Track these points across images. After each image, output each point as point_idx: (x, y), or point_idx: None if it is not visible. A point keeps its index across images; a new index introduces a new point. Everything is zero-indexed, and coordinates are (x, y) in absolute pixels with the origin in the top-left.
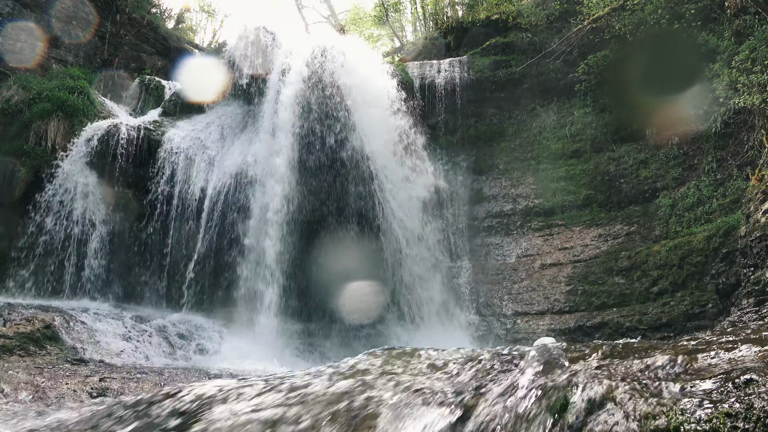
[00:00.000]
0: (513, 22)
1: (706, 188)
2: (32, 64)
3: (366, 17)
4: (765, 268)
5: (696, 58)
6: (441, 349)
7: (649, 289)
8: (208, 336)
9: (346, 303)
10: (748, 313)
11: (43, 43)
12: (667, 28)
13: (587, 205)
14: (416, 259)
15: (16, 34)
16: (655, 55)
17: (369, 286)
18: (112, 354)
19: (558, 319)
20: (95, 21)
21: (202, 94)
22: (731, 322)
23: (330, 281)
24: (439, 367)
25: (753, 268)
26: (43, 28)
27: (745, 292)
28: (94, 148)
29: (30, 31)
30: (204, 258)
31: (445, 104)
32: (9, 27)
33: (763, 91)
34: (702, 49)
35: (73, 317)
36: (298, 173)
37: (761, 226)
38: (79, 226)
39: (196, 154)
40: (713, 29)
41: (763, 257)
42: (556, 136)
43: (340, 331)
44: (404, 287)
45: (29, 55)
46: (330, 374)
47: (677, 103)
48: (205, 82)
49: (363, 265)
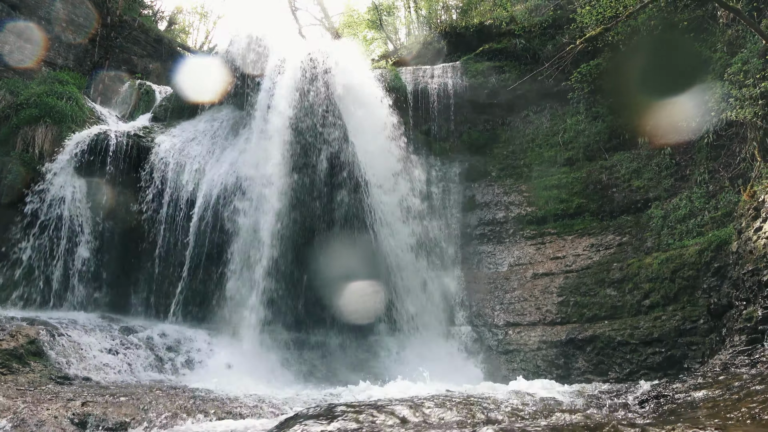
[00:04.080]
0: (506, 28)
1: (698, 200)
2: (21, 67)
3: (360, 20)
4: (757, 304)
5: (689, 68)
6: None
7: (640, 302)
8: (197, 348)
9: (337, 312)
10: (740, 354)
11: (32, 45)
12: (660, 37)
13: (579, 214)
14: (408, 268)
15: (4, 36)
16: (648, 64)
17: (361, 296)
18: (98, 369)
19: (550, 330)
20: (93, 24)
21: (193, 98)
22: (723, 364)
23: (320, 291)
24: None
25: (745, 302)
26: (32, 31)
27: (738, 328)
28: (83, 155)
29: (19, 32)
30: (193, 267)
31: (438, 110)
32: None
33: (755, 104)
34: (695, 59)
35: (59, 331)
36: (290, 182)
37: (753, 259)
38: (66, 235)
39: (186, 161)
40: (705, 39)
41: (756, 292)
42: (549, 143)
43: (332, 342)
44: (397, 297)
45: (17, 58)
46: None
47: (670, 112)
48: (197, 86)
49: (354, 273)
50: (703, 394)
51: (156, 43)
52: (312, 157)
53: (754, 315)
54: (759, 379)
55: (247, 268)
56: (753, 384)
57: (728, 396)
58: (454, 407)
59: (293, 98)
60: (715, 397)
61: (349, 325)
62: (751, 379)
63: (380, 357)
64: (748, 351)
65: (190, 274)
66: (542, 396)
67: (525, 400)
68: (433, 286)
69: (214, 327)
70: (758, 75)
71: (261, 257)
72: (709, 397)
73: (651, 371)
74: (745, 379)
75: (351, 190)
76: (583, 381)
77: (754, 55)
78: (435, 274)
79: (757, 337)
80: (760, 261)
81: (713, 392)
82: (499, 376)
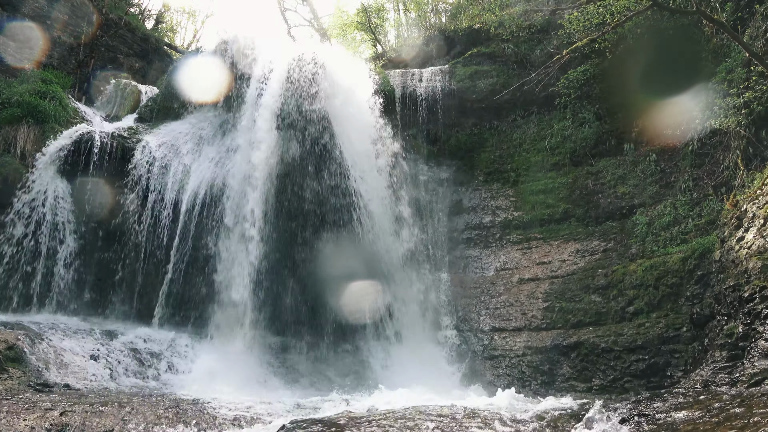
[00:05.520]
0: (495, 33)
1: (682, 207)
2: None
3: (349, 22)
4: (738, 320)
5: (675, 75)
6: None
7: (625, 309)
8: (180, 353)
9: (324, 316)
10: (721, 371)
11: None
12: (647, 44)
13: (566, 220)
14: (396, 272)
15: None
16: (635, 71)
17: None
18: (78, 375)
19: (535, 336)
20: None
21: (180, 98)
22: (704, 381)
23: (307, 294)
24: None
25: (726, 317)
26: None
27: (719, 343)
28: (66, 155)
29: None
30: (178, 270)
31: (427, 114)
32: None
33: (739, 113)
34: (681, 67)
35: (39, 335)
36: (277, 184)
37: (735, 274)
38: (48, 236)
39: (172, 162)
40: (691, 48)
41: (737, 308)
42: (536, 148)
43: (317, 346)
44: (383, 302)
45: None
46: None
47: (656, 118)
48: (184, 86)
49: (341, 277)
50: (684, 415)
51: (143, 42)
52: (299, 158)
53: (735, 331)
54: (738, 401)
55: (232, 271)
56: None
57: (708, 419)
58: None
59: (281, 100)
60: (695, 419)
61: (335, 328)
62: (731, 400)
63: (366, 362)
64: (728, 368)
65: (175, 276)
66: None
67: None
68: (420, 290)
69: (198, 331)
70: (742, 85)
71: (247, 260)
72: (689, 419)
73: (634, 378)
74: (725, 400)
75: (339, 195)
76: (567, 387)
77: (738, 65)
78: (422, 278)
79: (737, 354)
80: (741, 276)
81: (693, 413)
82: (485, 382)
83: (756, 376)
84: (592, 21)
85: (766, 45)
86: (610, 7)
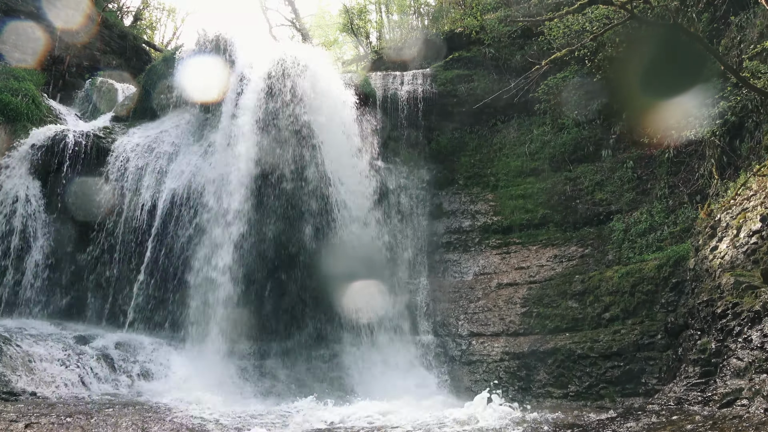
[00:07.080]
0: (476, 37)
1: (658, 214)
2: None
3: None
4: (711, 336)
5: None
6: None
7: (601, 315)
8: (153, 359)
9: (300, 321)
10: (694, 388)
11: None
12: (626, 54)
13: (544, 225)
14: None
15: None
16: (612, 80)
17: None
18: (48, 383)
19: (513, 341)
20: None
21: (157, 98)
22: (677, 399)
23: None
24: None
25: (700, 332)
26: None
27: (692, 359)
28: (38, 155)
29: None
30: (152, 272)
31: (408, 117)
32: None
33: (713, 123)
34: (658, 75)
35: (8, 340)
36: (254, 186)
37: (708, 289)
38: (19, 238)
39: (148, 164)
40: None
41: (710, 323)
42: (515, 153)
43: (294, 351)
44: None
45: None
46: None
47: (633, 126)
48: (162, 85)
49: (320, 282)
50: None
51: (120, 39)
52: (278, 161)
53: (708, 347)
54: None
55: (208, 273)
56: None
57: None
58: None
59: (261, 101)
60: None
61: (312, 333)
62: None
63: (343, 367)
64: (701, 385)
65: (149, 279)
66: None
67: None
68: (398, 294)
69: (173, 335)
70: (717, 95)
71: (223, 262)
72: None
73: (610, 385)
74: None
75: (318, 197)
76: (544, 394)
77: (714, 75)
78: (401, 282)
79: (710, 370)
80: (714, 291)
81: None
82: (462, 388)
83: (728, 396)
84: (572, 28)
85: (739, 56)
86: (589, 16)
